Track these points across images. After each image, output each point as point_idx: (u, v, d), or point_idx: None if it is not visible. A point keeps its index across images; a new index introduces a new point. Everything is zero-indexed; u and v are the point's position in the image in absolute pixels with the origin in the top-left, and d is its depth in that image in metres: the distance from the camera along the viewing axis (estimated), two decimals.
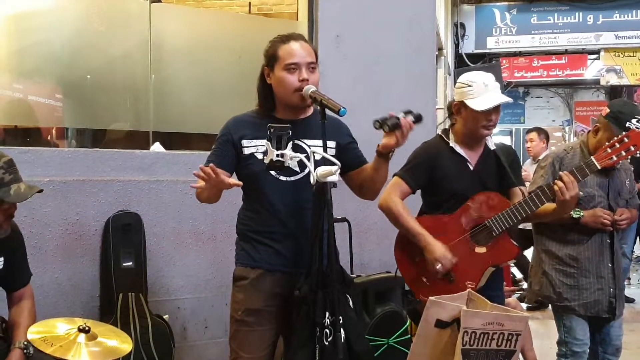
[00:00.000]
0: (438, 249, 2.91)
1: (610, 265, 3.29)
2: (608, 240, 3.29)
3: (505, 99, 2.98)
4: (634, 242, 8.01)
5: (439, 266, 2.90)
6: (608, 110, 3.23)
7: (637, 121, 3.11)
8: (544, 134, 7.49)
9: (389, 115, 2.42)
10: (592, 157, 2.99)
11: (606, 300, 3.28)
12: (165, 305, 3.88)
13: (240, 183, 2.48)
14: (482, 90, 2.91)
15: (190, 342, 3.98)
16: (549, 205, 2.97)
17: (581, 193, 3.16)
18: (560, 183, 2.86)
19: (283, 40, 2.59)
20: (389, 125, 2.40)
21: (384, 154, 2.50)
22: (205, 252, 4.01)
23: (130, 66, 4.49)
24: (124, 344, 2.72)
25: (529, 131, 7.90)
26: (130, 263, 3.69)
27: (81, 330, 2.62)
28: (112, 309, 3.58)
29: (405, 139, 2.45)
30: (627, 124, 3.10)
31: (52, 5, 4.37)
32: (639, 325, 5.13)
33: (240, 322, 2.58)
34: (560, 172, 2.94)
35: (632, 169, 3.42)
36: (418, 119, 2.45)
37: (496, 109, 2.95)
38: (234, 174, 2.64)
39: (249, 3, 7.14)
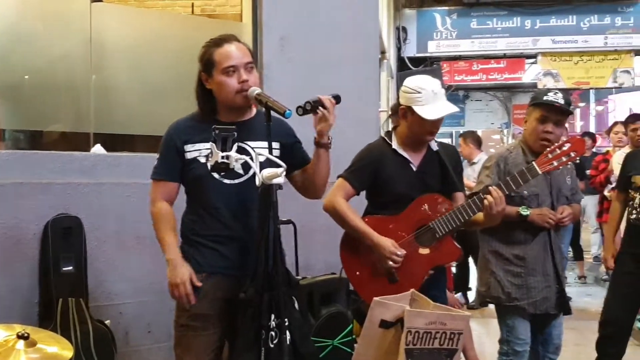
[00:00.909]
0: (387, 245, 2.93)
1: (552, 262, 3.37)
2: (548, 238, 3.37)
3: (453, 108, 3.02)
4: (570, 241, 8.25)
5: (390, 262, 2.92)
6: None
7: (554, 94, 3.29)
8: (470, 137, 7.80)
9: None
10: (533, 162, 3.06)
11: (554, 296, 3.35)
12: (107, 310, 3.81)
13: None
14: (431, 99, 2.93)
15: (133, 347, 3.91)
16: (480, 215, 3.01)
17: (525, 192, 3.25)
18: (490, 198, 2.91)
19: (217, 44, 2.57)
20: (310, 103, 2.47)
21: (323, 143, 2.53)
22: (148, 256, 3.93)
23: (71, 66, 4.38)
24: (65, 350, 2.66)
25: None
26: (71, 267, 3.61)
27: (20, 336, 2.54)
28: (51, 315, 3.50)
29: (333, 116, 2.49)
30: (545, 98, 3.28)
31: None
32: (576, 323, 5.26)
33: (185, 327, 2.56)
34: (490, 187, 2.97)
35: (573, 165, 3.51)
36: (336, 98, 2.52)
37: None
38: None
39: (192, 4, 7.08)
